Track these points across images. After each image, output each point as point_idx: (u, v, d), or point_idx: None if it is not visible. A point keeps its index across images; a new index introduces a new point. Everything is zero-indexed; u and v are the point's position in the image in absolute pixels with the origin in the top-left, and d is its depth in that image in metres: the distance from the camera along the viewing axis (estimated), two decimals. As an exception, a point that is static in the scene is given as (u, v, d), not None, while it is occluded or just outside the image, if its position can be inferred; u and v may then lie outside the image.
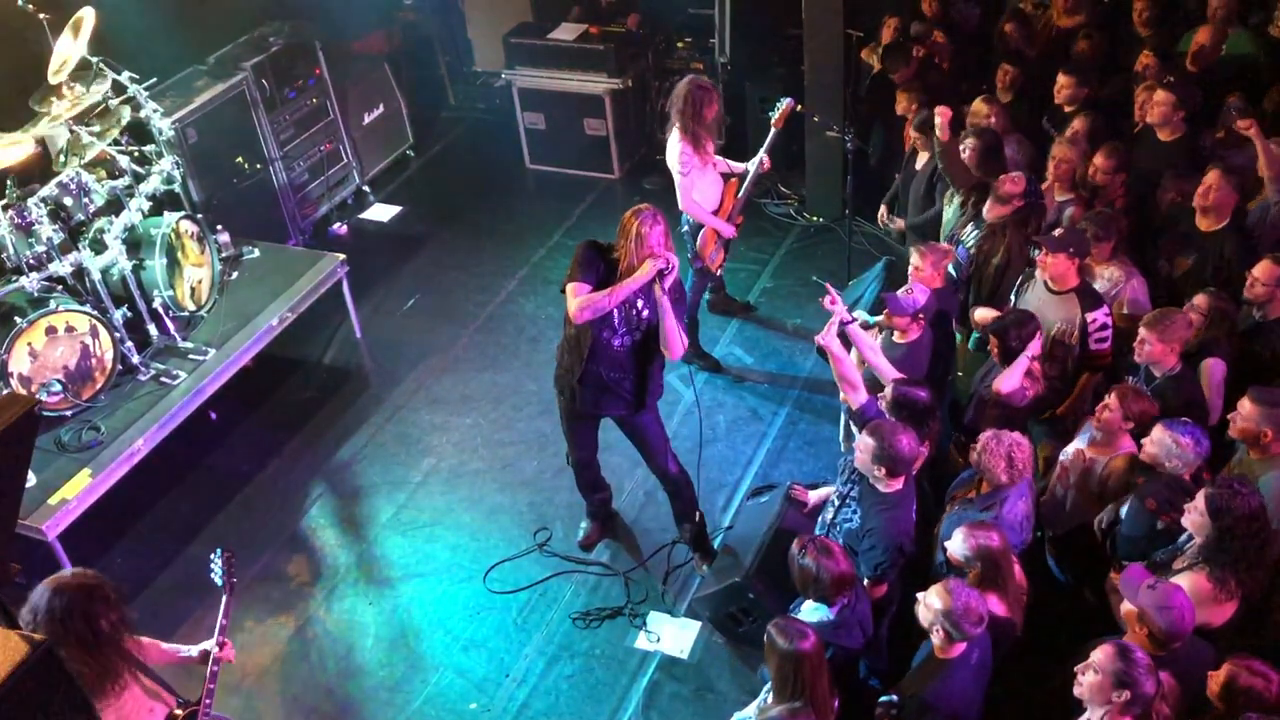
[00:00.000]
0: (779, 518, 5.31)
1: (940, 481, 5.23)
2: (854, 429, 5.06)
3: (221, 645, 4.07)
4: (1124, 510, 4.60)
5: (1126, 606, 3.83)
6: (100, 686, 3.60)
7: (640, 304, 5.07)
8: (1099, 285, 5.49)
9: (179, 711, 3.85)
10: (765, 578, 5.11)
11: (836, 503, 4.79)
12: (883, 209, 7.56)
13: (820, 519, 4.96)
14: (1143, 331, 4.88)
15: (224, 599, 4.14)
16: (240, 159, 8.03)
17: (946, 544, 4.30)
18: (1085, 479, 4.84)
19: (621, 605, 5.75)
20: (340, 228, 9.07)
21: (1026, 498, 4.61)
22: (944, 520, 4.71)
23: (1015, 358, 4.99)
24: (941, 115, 6.13)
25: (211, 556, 4.22)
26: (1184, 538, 4.21)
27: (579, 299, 4.94)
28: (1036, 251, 5.48)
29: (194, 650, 4.14)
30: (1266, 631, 4.06)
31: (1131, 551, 4.43)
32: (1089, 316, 5.23)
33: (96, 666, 3.60)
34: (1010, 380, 4.94)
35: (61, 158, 6.45)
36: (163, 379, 6.45)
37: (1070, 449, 4.97)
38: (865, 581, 4.54)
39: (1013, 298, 5.78)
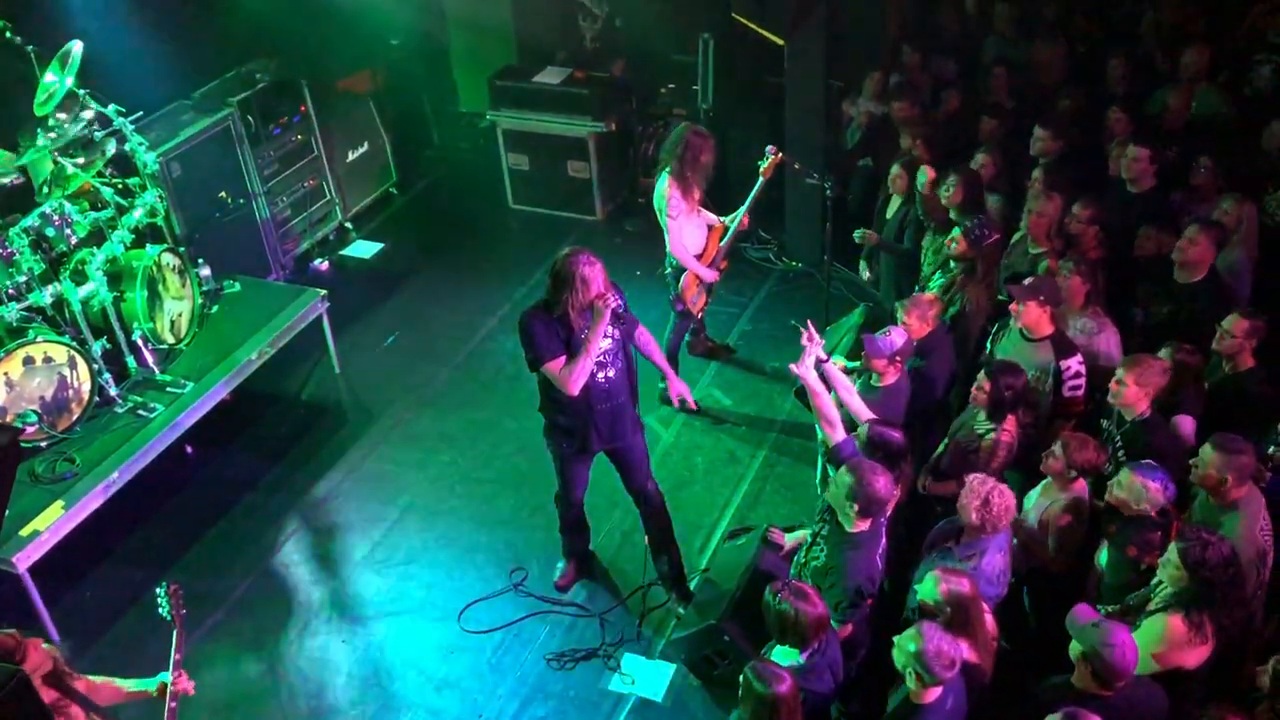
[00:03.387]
0: (755, 560, 5.33)
1: (914, 523, 5.27)
2: (831, 471, 5.10)
3: (175, 679, 4.04)
4: (1101, 560, 4.65)
5: (1073, 645, 3.88)
6: None
7: (614, 332, 5.17)
8: (1071, 335, 5.58)
9: None
10: (741, 621, 5.11)
11: (809, 541, 4.82)
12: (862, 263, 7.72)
13: (795, 559, 4.98)
14: (1120, 373, 4.96)
15: (174, 632, 4.12)
16: (224, 193, 8.04)
17: (917, 586, 4.33)
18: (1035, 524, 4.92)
19: (596, 647, 5.74)
20: (322, 264, 9.09)
21: (1005, 551, 4.64)
22: (921, 566, 4.74)
23: (1003, 407, 5.05)
24: (929, 173, 6.29)
25: (157, 591, 4.22)
26: (1154, 581, 4.27)
27: (563, 374, 5.04)
28: (1012, 302, 5.57)
29: (151, 685, 4.11)
30: (1241, 678, 4.11)
31: (1119, 599, 4.48)
32: (1063, 364, 5.32)
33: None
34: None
35: (45, 188, 6.44)
36: (140, 411, 6.42)
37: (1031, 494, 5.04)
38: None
39: (988, 345, 5.87)
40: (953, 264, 6.12)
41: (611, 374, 5.21)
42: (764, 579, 4.78)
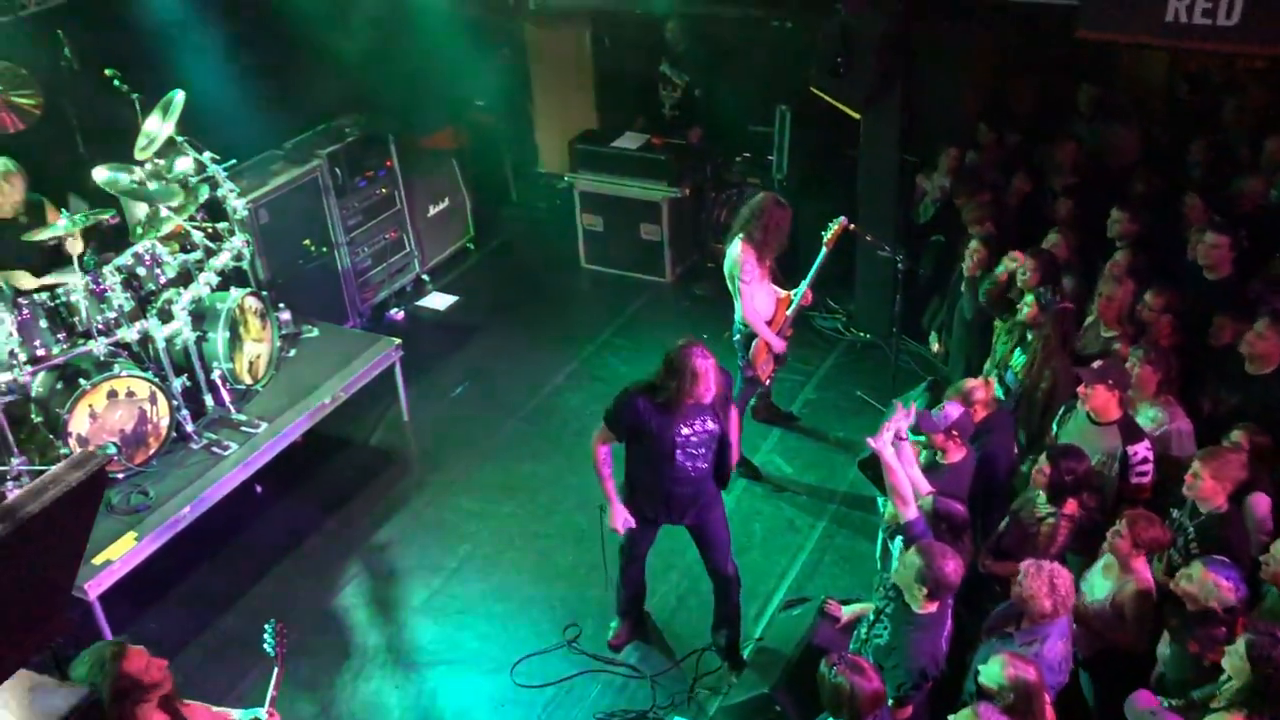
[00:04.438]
0: (811, 631, 5.29)
1: (971, 600, 5.20)
2: (890, 546, 5.07)
3: (270, 715, 4.11)
4: (1163, 652, 4.55)
5: None
6: None
7: (712, 423, 5.22)
8: (1142, 424, 5.49)
9: None
10: (793, 691, 5.05)
11: (872, 618, 4.77)
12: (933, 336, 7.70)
13: (855, 634, 4.93)
14: (1196, 465, 4.87)
15: (275, 670, 4.20)
16: (308, 241, 8.30)
17: (981, 668, 4.27)
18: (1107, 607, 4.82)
19: (647, 709, 5.71)
20: (398, 313, 9.30)
21: (1067, 637, 4.54)
22: (980, 649, 4.67)
23: (1064, 491, 4.99)
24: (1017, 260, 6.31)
25: (265, 627, 4.32)
26: (1223, 678, 4.16)
27: (596, 446, 5.33)
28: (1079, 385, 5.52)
29: (247, 717, 4.18)
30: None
31: (1183, 694, 4.37)
32: (1130, 449, 5.24)
33: None
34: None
35: (139, 229, 6.72)
36: (214, 449, 6.59)
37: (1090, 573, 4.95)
38: (890, 702, 4.49)
39: (1054, 428, 5.81)
40: (1029, 335, 6.08)
41: (701, 465, 5.28)
42: (819, 651, 4.74)
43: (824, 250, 6.67)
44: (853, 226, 6.85)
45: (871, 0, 7.12)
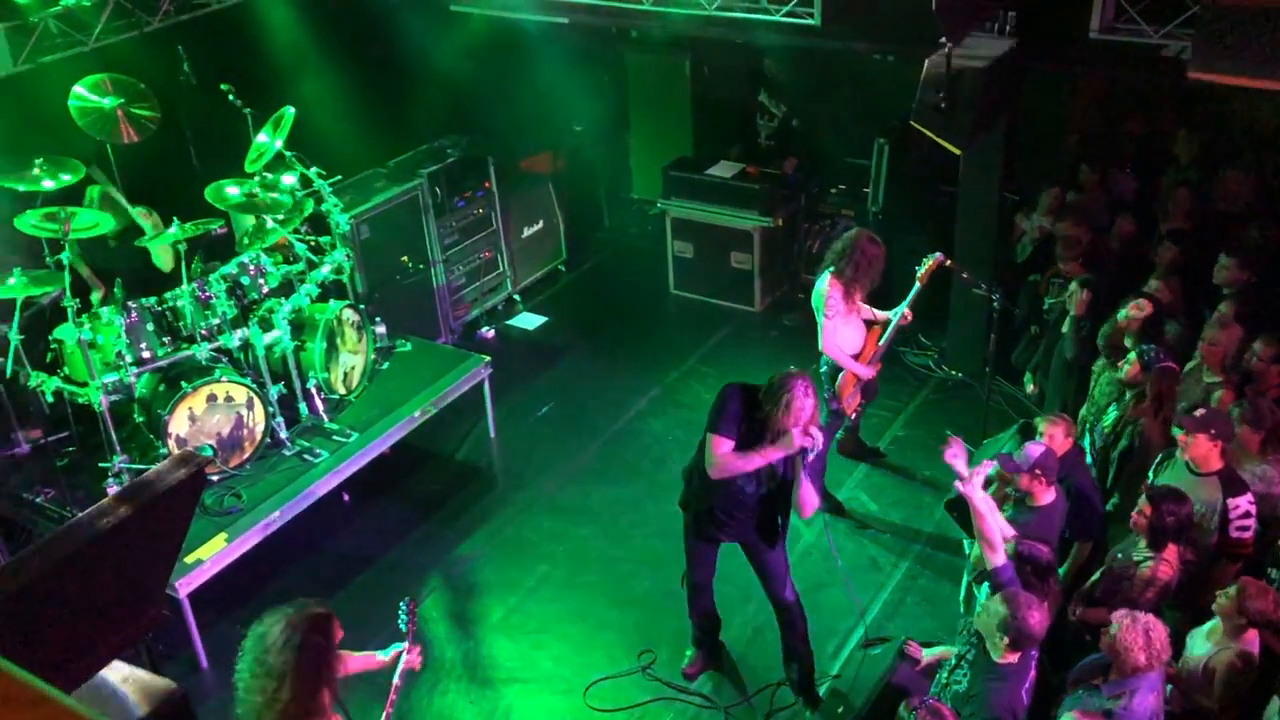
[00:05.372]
0: (890, 672, 5.20)
1: (1056, 648, 5.06)
2: (975, 590, 4.96)
3: (410, 651, 4.26)
4: (1271, 715, 4.37)
5: None
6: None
7: (780, 465, 5.14)
8: (1247, 479, 5.29)
9: None
10: (869, 732, 4.98)
11: (953, 663, 4.67)
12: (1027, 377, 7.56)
13: (936, 679, 4.83)
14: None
15: (404, 645, 4.36)
16: (406, 258, 8.48)
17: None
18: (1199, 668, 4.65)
19: (720, 741, 5.67)
20: (488, 331, 9.43)
21: (1158, 692, 4.38)
22: (1064, 701, 4.54)
23: (1165, 535, 4.83)
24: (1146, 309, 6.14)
25: (400, 605, 4.48)
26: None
27: (719, 456, 5.03)
28: (1179, 432, 5.36)
29: (387, 654, 4.36)
30: None
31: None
32: (1231, 502, 5.05)
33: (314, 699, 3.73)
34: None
35: (245, 239, 6.93)
36: (305, 456, 6.74)
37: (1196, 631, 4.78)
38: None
39: (1150, 475, 5.64)
40: (1127, 394, 5.93)
41: (760, 491, 5.21)
42: (897, 693, 4.66)
43: (918, 284, 6.59)
44: (949, 262, 6.76)
45: (978, 36, 7.05)
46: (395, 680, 4.24)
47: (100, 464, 6.35)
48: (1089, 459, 5.99)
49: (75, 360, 6.19)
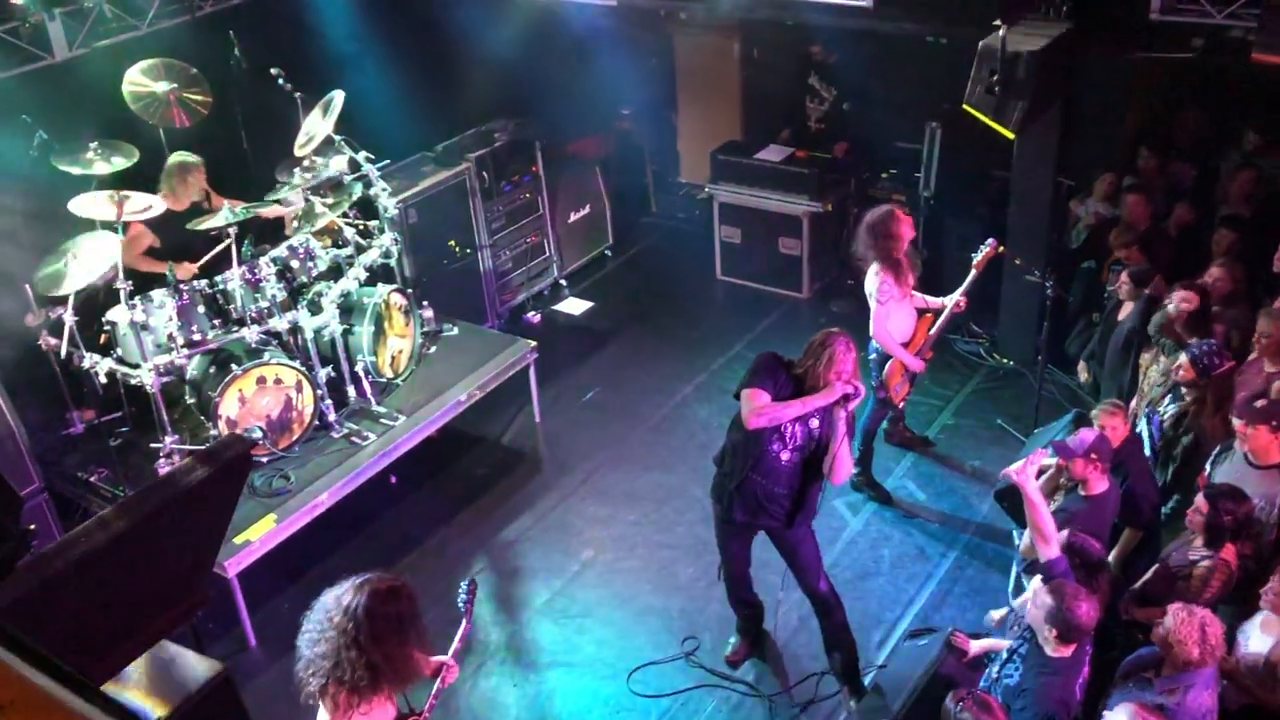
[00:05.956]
0: (936, 663, 5.12)
1: (1105, 644, 4.96)
2: (1024, 582, 4.88)
3: (449, 669, 4.18)
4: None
5: None
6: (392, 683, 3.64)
7: (816, 422, 5.08)
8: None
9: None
10: (915, 723, 4.92)
11: (1004, 656, 4.60)
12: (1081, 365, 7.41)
13: (986, 672, 4.76)
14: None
15: (463, 624, 4.27)
16: (453, 242, 8.51)
17: (1107, 714, 4.06)
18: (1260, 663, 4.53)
19: (765, 730, 5.64)
20: (534, 316, 9.44)
21: (1212, 689, 4.28)
22: (1113, 695, 4.45)
23: (1222, 534, 4.71)
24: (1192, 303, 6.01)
25: (461, 585, 4.38)
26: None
27: (757, 404, 4.98)
28: (1238, 422, 5.22)
29: (431, 660, 4.27)
30: None
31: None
32: (1293, 497, 4.92)
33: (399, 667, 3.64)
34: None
35: (295, 223, 6.98)
36: (353, 438, 6.79)
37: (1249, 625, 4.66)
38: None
39: (1208, 468, 5.51)
40: (1183, 390, 5.79)
41: (794, 459, 5.14)
42: (944, 684, 4.60)
43: (973, 271, 6.49)
44: (1002, 249, 6.65)
45: (1033, 18, 6.91)
46: (431, 697, 4.11)
47: (152, 444, 6.43)
48: (1147, 450, 5.86)
49: (128, 342, 6.28)
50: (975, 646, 5.19)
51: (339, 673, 3.42)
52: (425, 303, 7.68)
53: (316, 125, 6.92)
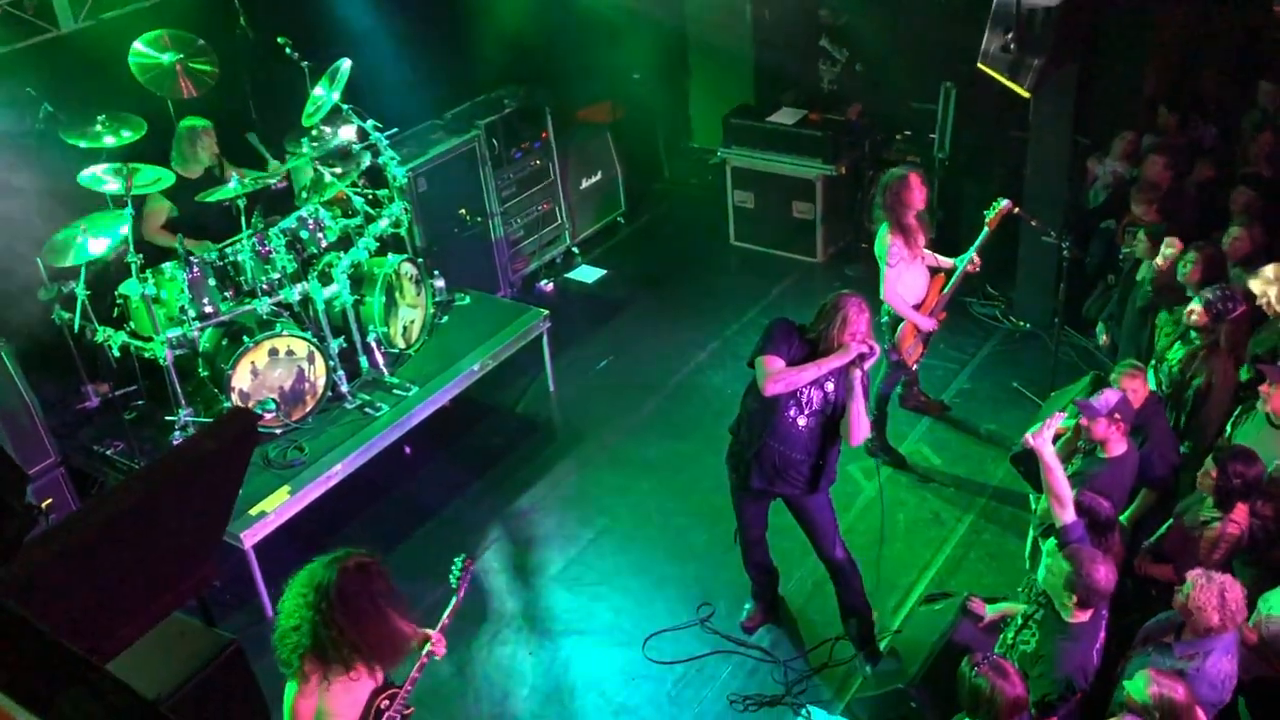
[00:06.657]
0: (952, 628, 5.10)
1: (1120, 605, 4.93)
2: (1041, 545, 4.84)
3: (436, 642, 4.18)
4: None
5: None
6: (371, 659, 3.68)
7: (831, 385, 5.05)
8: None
9: (384, 698, 3.88)
10: (930, 688, 4.90)
11: (1020, 622, 4.57)
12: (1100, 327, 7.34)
13: (1001, 638, 4.73)
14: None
15: (454, 599, 4.27)
16: (464, 210, 8.45)
17: (1126, 683, 4.04)
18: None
19: (781, 694, 5.63)
20: (547, 284, 9.40)
21: (1232, 654, 4.25)
22: (1131, 660, 4.43)
23: (1231, 496, 4.67)
24: (1176, 245, 5.93)
25: (455, 560, 4.36)
26: None
27: (772, 370, 4.94)
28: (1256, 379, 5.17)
29: (418, 632, 4.29)
30: None
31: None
32: (1316, 458, 4.87)
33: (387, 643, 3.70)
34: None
35: (304, 193, 6.95)
36: (367, 409, 6.79)
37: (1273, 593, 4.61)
38: (1032, 710, 4.29)
39: (1229, 428, 5.45)
40: (1193, 335, 5.72)
41: (811, 424, 5.11)
42: (959, 649, 4.57)
43: (986, 230, 6.42)
44: (1017, 210, 6.56)
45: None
46: (422, 660, 4.11)
47: (167, 417, 6.44)
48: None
49: (140, 315, 6.27)
50: (991, 612, 5.17)
51: (319, 651, 3.43)
52: (436, 272, 7.64)
53: (324, 94, 6.86)
